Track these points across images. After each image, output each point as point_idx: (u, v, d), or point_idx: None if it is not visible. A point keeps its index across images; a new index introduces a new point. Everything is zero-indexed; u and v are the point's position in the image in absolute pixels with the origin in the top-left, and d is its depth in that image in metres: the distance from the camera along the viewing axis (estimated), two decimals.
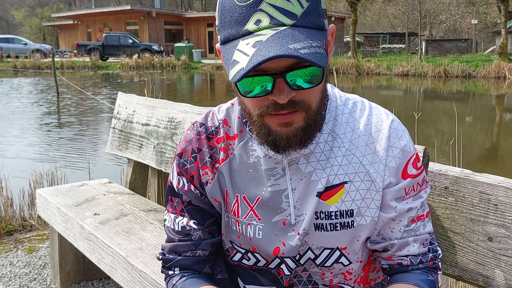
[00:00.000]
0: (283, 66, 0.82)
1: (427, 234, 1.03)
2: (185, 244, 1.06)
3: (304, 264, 1.04)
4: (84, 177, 4.32)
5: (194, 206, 1.06)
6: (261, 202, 1.01)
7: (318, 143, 0.98)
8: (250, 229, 1.03)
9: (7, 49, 30.39)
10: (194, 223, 1.06)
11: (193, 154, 1.06)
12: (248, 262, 1.07)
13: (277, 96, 0.84)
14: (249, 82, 0.84)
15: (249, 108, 0.91)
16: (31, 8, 56.54)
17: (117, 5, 46.66)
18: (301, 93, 0.86)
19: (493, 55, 24.09)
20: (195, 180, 1.06)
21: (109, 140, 2.83)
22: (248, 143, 1.02)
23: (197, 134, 1.07)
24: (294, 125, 0.89)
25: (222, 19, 0.86)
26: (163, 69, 27.40)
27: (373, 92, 16.68)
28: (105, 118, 10.16)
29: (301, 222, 1.00)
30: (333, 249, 1.02)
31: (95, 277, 2.66)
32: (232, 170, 1.03)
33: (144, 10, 37.15)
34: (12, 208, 3.62)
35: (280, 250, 1.02)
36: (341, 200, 0.99)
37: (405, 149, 1.00)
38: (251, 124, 0.94)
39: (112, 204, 2.33)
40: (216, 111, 1.09)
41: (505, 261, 1.17)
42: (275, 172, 1.00)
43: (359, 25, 31.20)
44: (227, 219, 1.07)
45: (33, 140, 7.90)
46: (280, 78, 0.83)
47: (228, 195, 1.04)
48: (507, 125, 10.40)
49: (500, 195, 1.18)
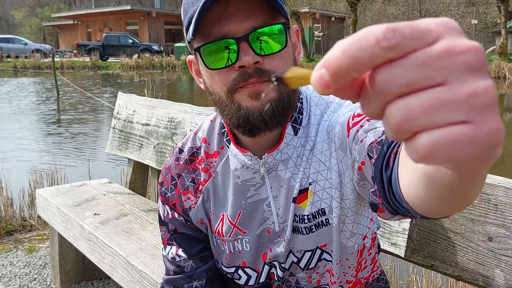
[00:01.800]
0: (246, 29, 0.83)
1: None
2: (180, 278, 1.07)
3: (290, 269, 1.03)
4: (84, 177, 4.32)
5: (180, 234, 1.06)
6: (243, 215, 1.00)
7: (296, 147, 0.96)
8: (238, 243, 1.02)
9: (7, 49, 30.37)
10: (183, 251, 1.06)
11: (173, 181, 1.05)
12: (239, 281, 1.07)
13: (243, 59, 0.82)
14: (216, 52, 0.84)
15: (218, 91, 0.88)
16: (31, 8, 56.57)
17: (117, 5, 46.65)
18: (268, 61, 0.84)
19: (493, 55, 24.10)
20: (177, 207, 1.05)
21: (109, 140, 2.83)
22: (228, 159, 1.00)
23: (175, 160, 1.06)
24: (265, 97, 0.85)
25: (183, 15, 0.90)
26: (163, 69, 27.39)
27: None
28: (105, 118, 10.16)
29: (285, 228, 0.99)
30: (313, 250, 1.01)
31: (95, 277, 2.66)
32: (216, 189, 1.02)
33: (144, 10, 37.16)
34: (12, 208, 3.62)
35: (267, 255, 1.02)
36: (310, 202, 0.97)
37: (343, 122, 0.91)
38: (222, 110, 0.90)
39: (112, 204, 2.33)
40: (197, 131, 1.07)
41: (505, 261, 1.17)
42: (254, 182, 0.98)
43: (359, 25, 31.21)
44: (215, 243, 1.06)
45: (33, 140, 7.90)
46: (243, 41, 0.82)
47: (211, 215, 1.04)
48: (507, 125, 10.41)
49: (500, 195, 1.18)
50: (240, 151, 0.96)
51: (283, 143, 0.94)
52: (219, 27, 0.83)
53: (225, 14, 0.83)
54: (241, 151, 0.96)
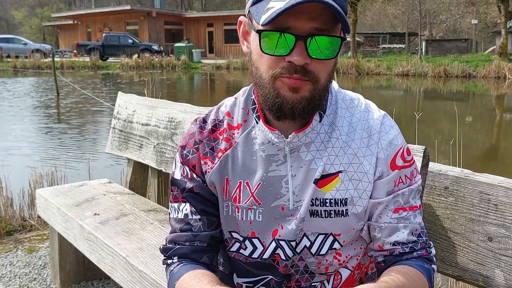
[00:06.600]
0: (308, 29, 0.90)
1: (417, 225, 1.06)
2: (185, 235, 1.10)
3: (301, 253, 1.07)
4: (84, 177, 4.32)
5: (195, 193, 1.11)
6: (262, 187, 1.05)
7: (319, 133, 1.04)
8: (251, 213, 1.07)
9: (7, 49, 30.37)
10: (195, 211, 1.11)
11: (195, 146, 1.12)
12: (244, 251, 1.10)
13: (294, 57, 0.90)
14: (273, 39, 0.90)
15: (262, 71, 0.96)
16: (31, 8, 56.55)
17: (117, 5, 46.67)
18: (314, 64, 0.93)
19: (493, 55, 24.09)
20: (196, 169, 1.11)
21: (109, 140, 2.83)
22: (251, 132, 1.07)
23: (199, 128, 1.13)
24: (300, 93, 0.94)
25: None
26: (163, 69, 27.39)
27: (373, 92, 16.68)
28: (105, 118, 10.16)
29: (299, 208, 1.04)
30: (327, 234, 1.06)
31: (95, 277, 2.66)
32: (235, 157, 1.08)
33: (144, 10, 37.15)
34: (12, 208, 3.62)
35: (278, 232, 1.06)
36: (336, 188, 1.04)
37: (393, 142, 1.05)
38: (260, 88, 0.98)
39: (112, 204, 2.33)
40: (219, 106, 1.16)
41: (505, 261, 1.18)
42: (277, 158, 1.04)
43: (359, 25, 31.21)
44: (226, 209, 1.10)
45: (33, 140, 7.90)
46: (301, 40, 0.90)
47: (228, 182, 1.09)
48: (507, 125, 10.40)
49: (500, 195, 1.18)
50: (269, 129, 1.03)
51: (309, 128, 1.02)
52: (286, 19, 0.89)
53: (296, 9, 0.88)
54: (270, 129, 1.03)
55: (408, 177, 1.06)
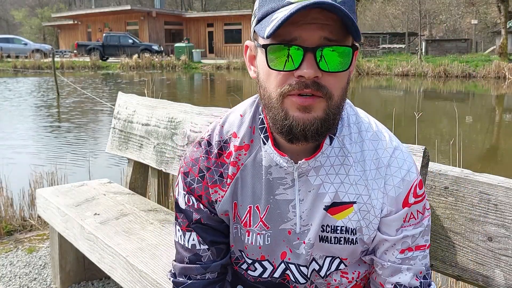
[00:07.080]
0: (317, 39, 0.83)
1: (423, 267, 1.02)
2: (195, 267, 1.07)
3: (310, 277, 1.06)
4: (84, 177, 4.32)
5: (203, 224, 1.07)
6: (270, 210, 1.02)
7: (329, 156, 0.98)
8: (260, 238, 1.04)
9: (7, 49, 30.37)
10: (203, 242, 1.07)
11: (201, 174, 1.04)
12: (253, 273, 1.09)
13: (304, 71, 0.83)
14: (280, 54, 0.84)
15: (270, 90, 0.89)
16: (31, 8, 56.54)
17: (117, 5, 46.67)
18: (326, 78, 0.85)
19: (493, 55, 24.09)
20: (203, 199, 1.05)
21: (109, 140, 2.83)
22: (259, 153, 1.01)
23: (205, 153, 1.05)
24: (313, 113, 0.87)
25: (258, 2, 0.90)
26: (163, 69, 27.39)
27: (373, 92, 16.68)
28: (105, 118, 10.16)
29: (306, 232, 1.01)
30: (334, 257, 1.04)
31: (95, 277, 2.66)
32: (244, 182, 1.03)
33: (144, 10, 37.14)
34: (12, 208, 3.62)
35: (287, 255, 1.04)
36: (348, 218, 1.00)
37: (405, 178, 0.99)
38: (268, 109, 0.91)
39: (112, 204, 2.33)
40: (223, 124, 1.07)
41: (505, 261, 1.18)
42: (284, 181, 1.00)
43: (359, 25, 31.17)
44: (235, 230, 1.07)
45: (33, 140, 7.90)
46: (310, 52, 0.83)
47: (237, 207, 1.04)
48: (507, 125, 10.40)
49: (500, 195, 1.18)
50: (278, 153, 0.97)
51: (320, 153, 0.96)
52: (291, 30, 0.83)
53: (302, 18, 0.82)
54: (279, 153, 0.97)
55: (420, 212, 1.01)
